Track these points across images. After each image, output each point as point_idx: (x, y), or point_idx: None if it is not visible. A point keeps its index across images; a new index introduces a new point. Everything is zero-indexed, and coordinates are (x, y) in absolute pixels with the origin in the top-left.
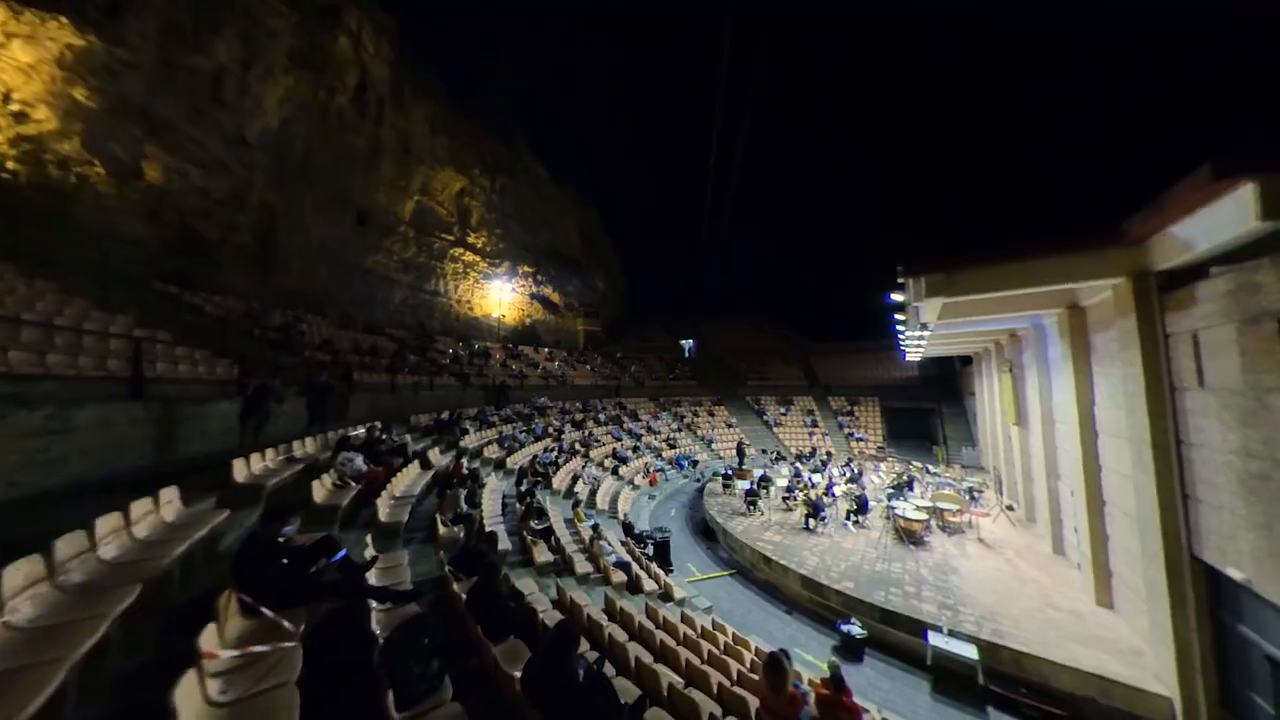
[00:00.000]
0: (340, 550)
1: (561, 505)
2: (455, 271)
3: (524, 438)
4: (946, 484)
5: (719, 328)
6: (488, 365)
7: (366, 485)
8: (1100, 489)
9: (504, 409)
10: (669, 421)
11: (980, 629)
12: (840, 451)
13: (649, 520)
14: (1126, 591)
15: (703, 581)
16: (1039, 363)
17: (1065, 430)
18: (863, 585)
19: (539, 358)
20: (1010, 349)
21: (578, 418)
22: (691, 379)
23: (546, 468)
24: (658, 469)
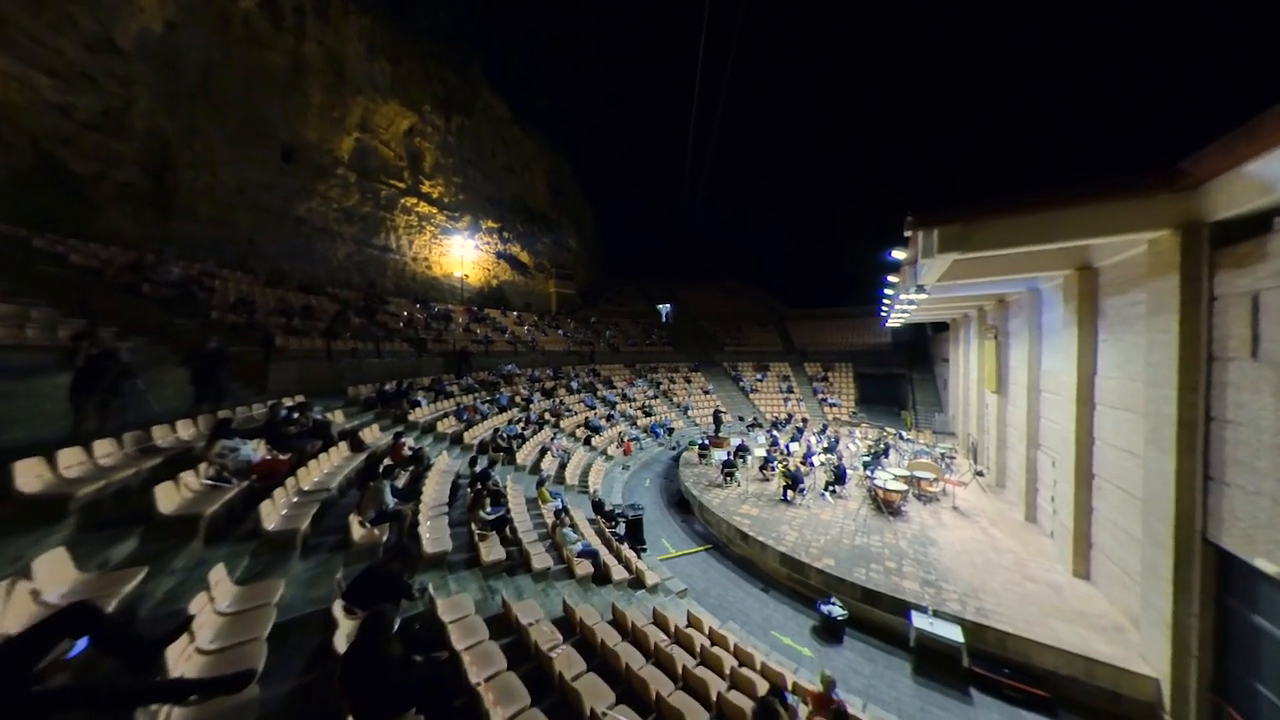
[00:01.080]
0: (84, 636)
1: (526, 482)
2: (408, 225)
3: (486, 409)
4: (922, 452)
5: (697, 292)
6: (448, 330)
7: (261, 480)
8: (1090, 462)
9: (465, 377)
10: (645, 388)
11: (964, 608)
12: (814, 417)
13: (622, 493)
14: (1108, 565)
15: (677, 559)
16: (1030, 329)
17: (1055, 400)
18: (843, 562)
19: (507, 322)
20: (996, 315)
21: (548, 386)
22: (668, 345)
23: (511, 441)
24: (632, 438)
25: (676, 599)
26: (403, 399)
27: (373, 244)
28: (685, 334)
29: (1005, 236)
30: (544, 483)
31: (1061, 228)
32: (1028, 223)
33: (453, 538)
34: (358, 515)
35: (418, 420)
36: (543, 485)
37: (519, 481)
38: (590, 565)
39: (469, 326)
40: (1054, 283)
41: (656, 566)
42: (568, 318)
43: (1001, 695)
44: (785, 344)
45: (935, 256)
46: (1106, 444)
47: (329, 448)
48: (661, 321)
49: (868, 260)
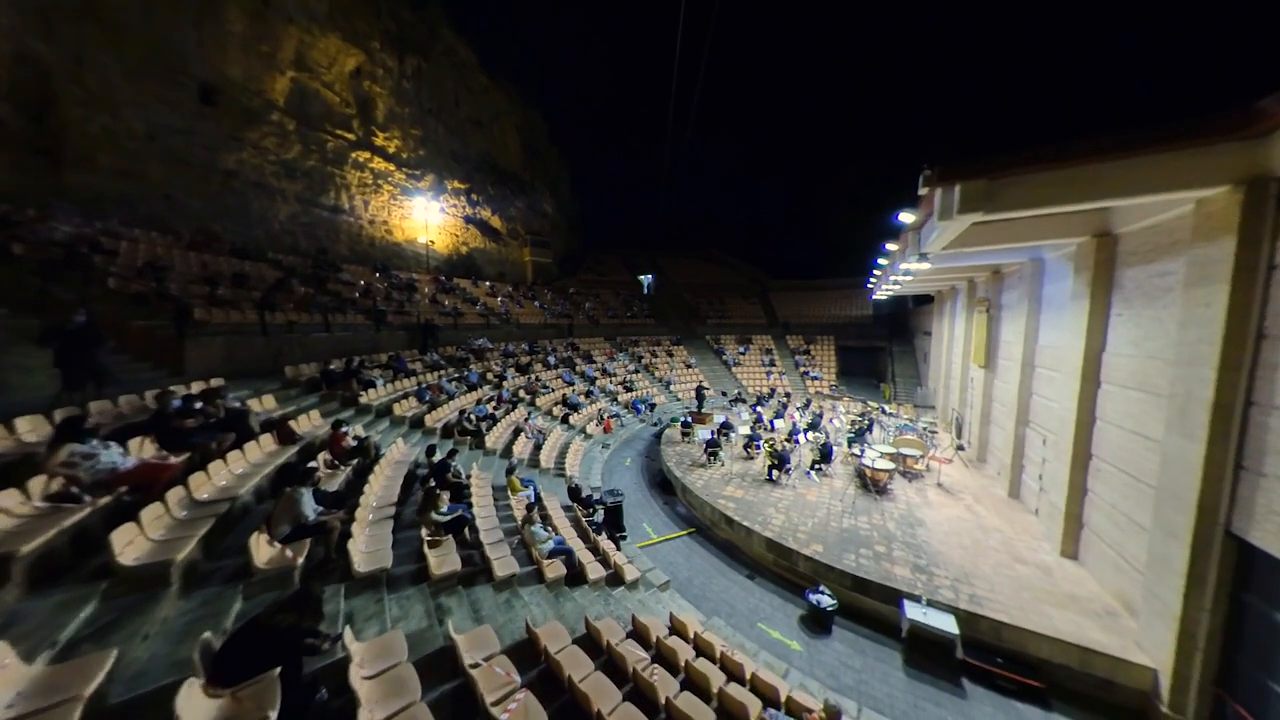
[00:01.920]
0: None
1: (495, 469)
2: (362, 183)
3: (453, 388)
4: (908, 427)
5: (680, 262)
6: (412, 301)
7: (134, 493)
8: (1089, 443)
9: (430, 353)
10: (626, 363)
11: (957, 595)
12: (797, 391)
13: (602, 473)
14: (1100, 547)
15: (660, 545)
16: (1030, 301)
17: (1052, 377)
18: (832, 547)
19: (478, 293)
20: (989, 286)
21: (523, 361)
22: (650, 317)
23: (480, 423)
24: (613, 415)
25: (658, 593)
26: (353, 379)
27: (321, 204)
28: (667, 306)
29: (1038, 194)
30: (514, 470)
31: (1103, 184)
32: (1065, 179)
33: (398, 546)
34: (265, 532)
35: (371, 403)
36: (513, 473)
37: (487, 468)
38: (563, 566)
39: (436, 297)
40: (1062, 252)
41: (637, 557)
42: (544, 288)
43: (994, 686)
44: (768, 316)
45: (954, 218)
46: (1110, 425)
47: (245, 442)
48: (643, 293)
49: (854, 230)
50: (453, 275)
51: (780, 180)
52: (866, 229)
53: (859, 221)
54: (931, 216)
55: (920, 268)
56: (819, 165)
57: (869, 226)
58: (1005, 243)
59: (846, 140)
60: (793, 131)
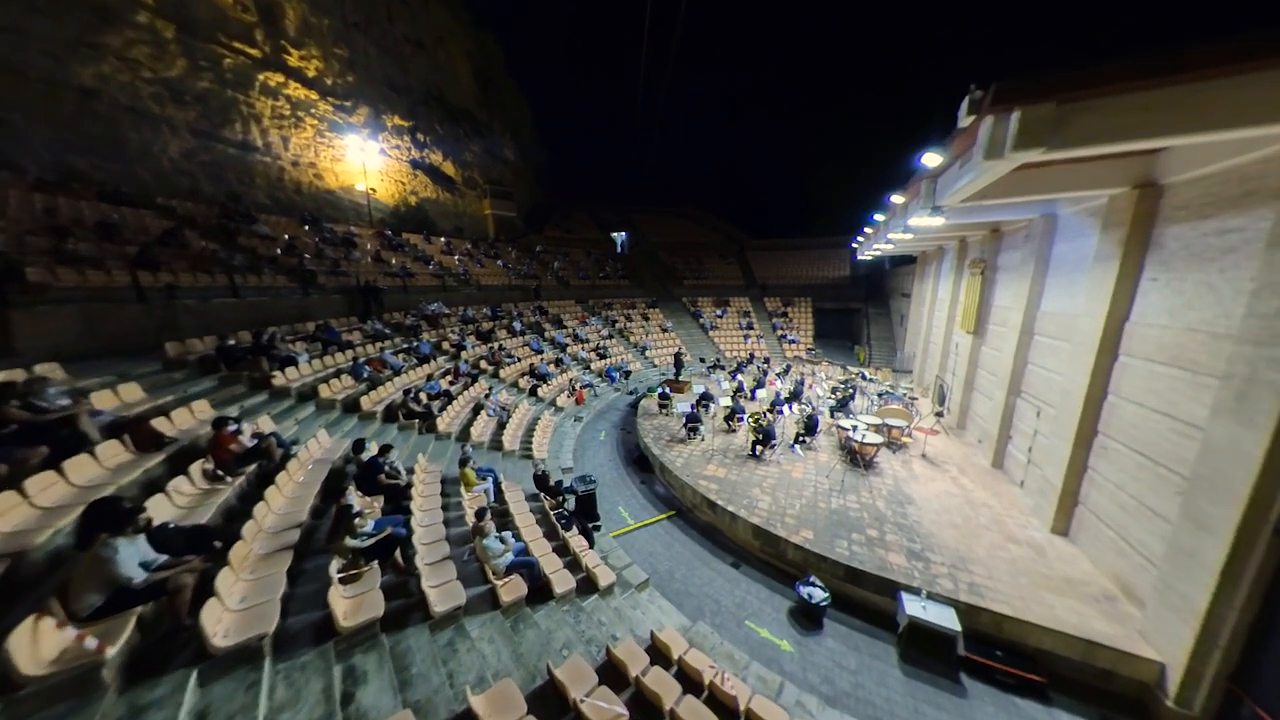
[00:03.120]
0: None
1: (449, 457)
2: (277, 114)
3: (400, 361)
4: (891, 396)
5: (655, 219)
6: (351, 259)
7: None
8: (1096, 419)
9: (372, 321)
10: (598, 327)
11: (955, 585)
12: (774, 355)
13: (574, 449)
14: (1098, 528)
15: (637, 531)
16: (1035, 263)
17: (1058, 347)
18: (822, 532)
19: (431, 250)
20: (986, 247)
21: (484, 327)
22: (624, 278)
23: (431, 402)
24: (585, 384)
25: (636, 595)
26: (264, 355)
27: (224, 138)
28: (642, 266)
29: (1121, 124)
30: (468, 460)
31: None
32: (1166, 101)
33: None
34: (51, 611)
35: (289, 385)
36: (467, 464)
37: (439, 456)
38: (523, 582)
39: (380, 255)
40: (1083, 207)
41: (612, 551)
42: (508, 246)
43: (994, 681)
44: (746, 277)
45: (1004, 157)
46: (1127, 402)
47: (69, 456)
48: (616, 252)
49: (836, 187)
50: (401, 230)
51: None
52: (849, 186)
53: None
54: (966, 157)
55: (929, 224)
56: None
57: (852, 183)
58: (1026, 194)
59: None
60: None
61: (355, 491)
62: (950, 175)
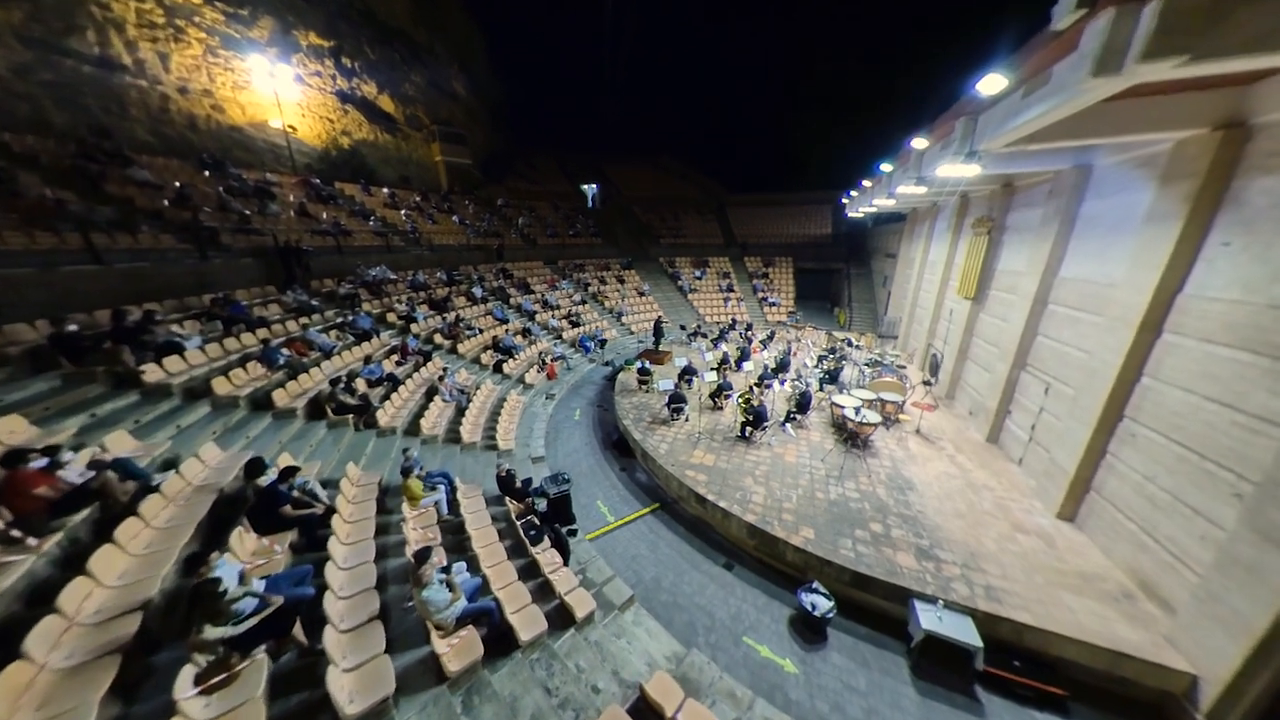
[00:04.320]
0: None
1: (394, 462)
2: (145, 22)
3: (330, 340)
4: (887, 368)
5: (628, 170)
6: (268, 214)
7: None
8: (1125, 402)
9: (295, 290)
10: (570, 292)
11: (971, 588)
12: (755, 320)
13: (546, 433)
14: (1112, 516)
15: (619, 530)
16: (1059, 223)
17: (1080, 319)
18: (823, 529)
19: (373, 202)
20: (995, 204)
21: (439, 295)
22: (596, 235)
23: (371, 391)
24: (557, 356)
25: (619, 618)
26: (125, 342)
27: (72, 50)
28: (616, 222)
29: None
30: (412, 466)
31: None
32: None
33: (143, 701)
34: None
35: (169, 380)
36: (411, 472)
37: (378, 461)
38: (479, 636)
39: (306, 208)
40: (1132, 155)
41: (591, 561)
42: (464, 199)
43: (1012, 695)
44: (725, 235)
45: (1123, 69)
46: (1170, 387)
47: None
48: (587, 206)
49: (820, 138)
50: (332, 178)
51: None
52: (835, 135)
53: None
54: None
55: (960, 173)
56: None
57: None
58: (1074, 138)
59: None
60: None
61: (247, 534)
62: (1004, 109)
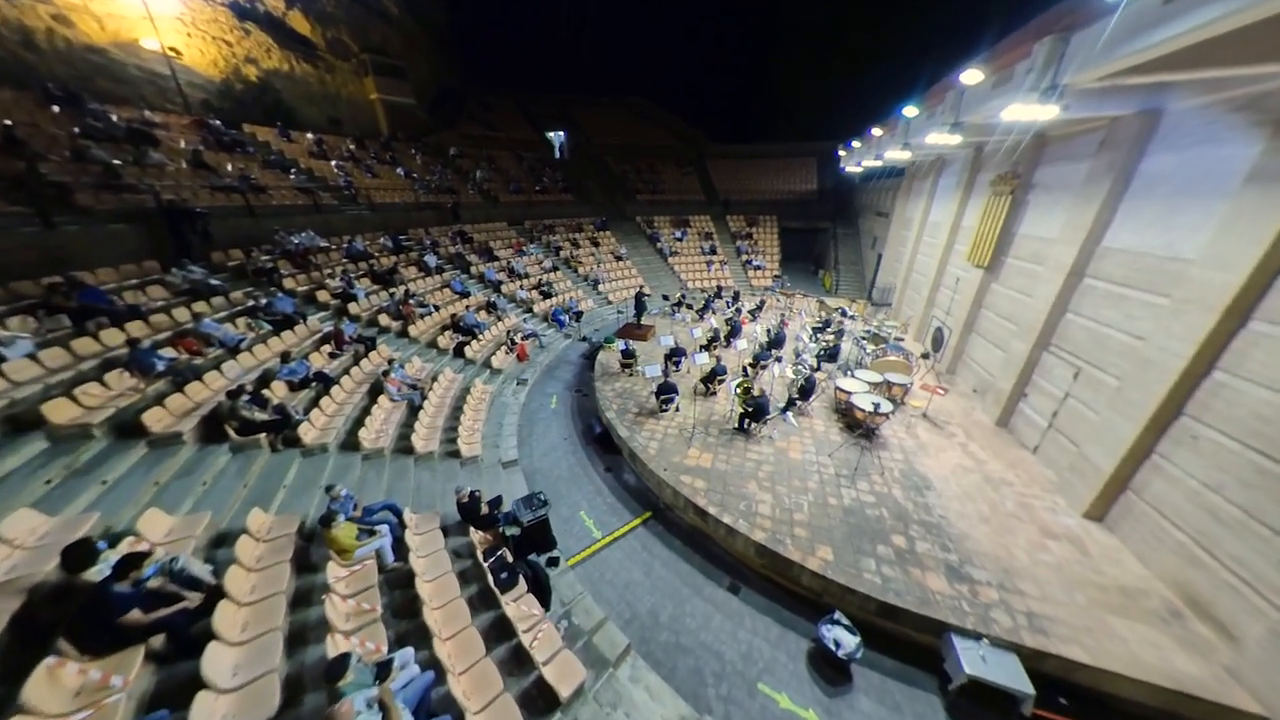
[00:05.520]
0: None
1: (318, 487)
2: None
3: (234, 333)
4: (894, 346)
5: (598, 115)
6: (149, 164)
7: None
8: (1186, 399)
9: (184, 267)
10: (539, 257)
11: (1011, 616)
12: (740, 285)
13: (519, 427)
14: (1154, 522)
15: (606, 548)
16: (1113, 181)
17: (1128, 297)
18: (841, 546)
19: (294, 151)
20: (1022, 159)
21: (384, 265)
22: (566, 191)
23: (293, 396)
24: (527, 334)
25: (614, 677)
26: None
27: None
28: (588, 176)
29: None
30: (341, 512)
31: None
32: None
33: None
34: None
35: None
36: (333, 519)
37: (298, 498)
38: None
39: (201, 158)
40: (1224, 96)
41: (577, 601)
42: (410, 147)
43: None
44: (707, 191)
45: None
46: (1254, 384)
47: None
48: (555, 157)
49: (809, 78)
50: (240, 119)
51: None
52: (828, 74)
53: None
54: None
55: (1032, 115)
56: None
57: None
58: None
59: None
60: None
61: (64, 664)
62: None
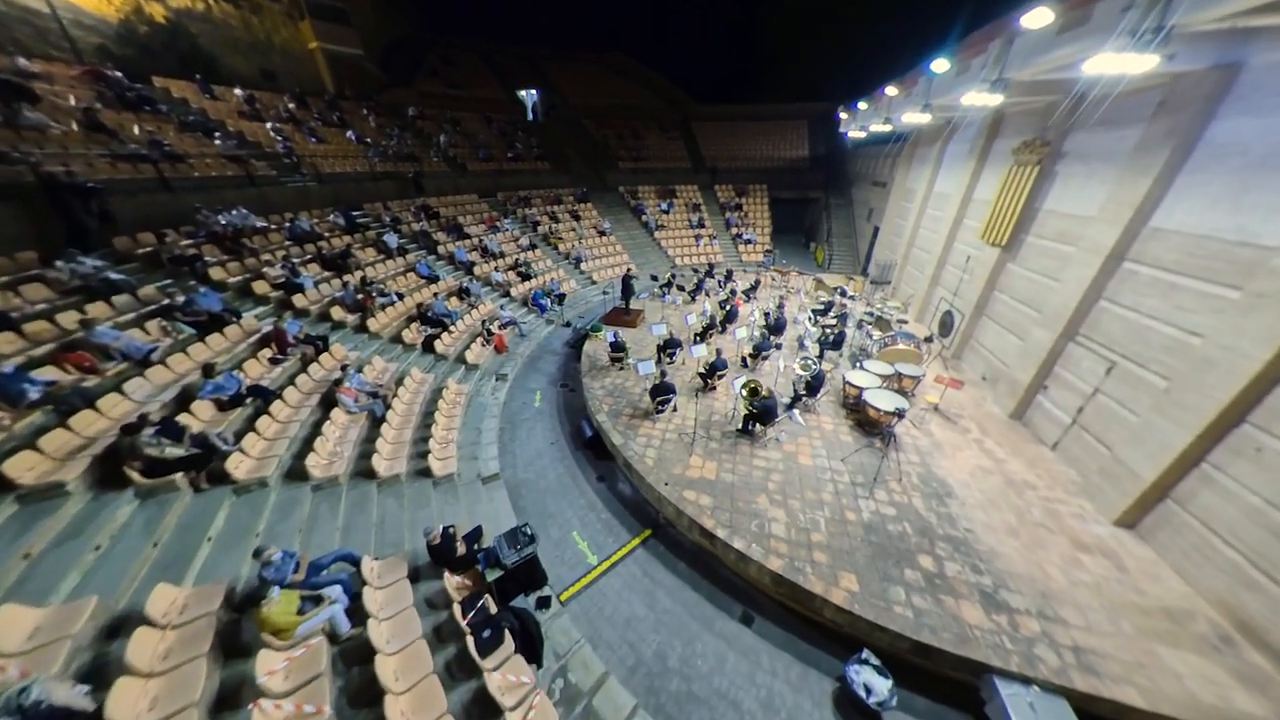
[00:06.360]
0: None
1: (258, 534)
2: None
3: (139, 343)
4: (905, 334)
5: (574, 72)
6: (22, 124)
7: None
8: (1253, 405)
9: (72, 259)
10: (515, 234)
11: (1055, 650)
12: (731, 261)
13: (499, 432)
14: (1198, 536)
15: (604, 575)
16: (1171, 149)
17: (1184, 287)
18: (865, 571)
19: (220, 110)
20: (1053, 123)
21: (335, 247)
22: (542, 159)
23: (221, 419)
24: (506, 322)
25: None
26: None
27: None
28: (565, 141)
29: None
30: (278, 580)
31: None
32: None
33: None
34: None
35: None
36: (266, 602)
37: (232, 547)
38: None
39: (97, 118)
40: None
41: (573, 654)
42: (361, 107)
43: None
44: (693, 158)
45: None
46: None
47: None
48: (528, 120)
49: (810, 30)
50: (147, 71)
51: None
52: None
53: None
54: None
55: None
56: None
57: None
58: None
59: None
60: None
61: None
62: None
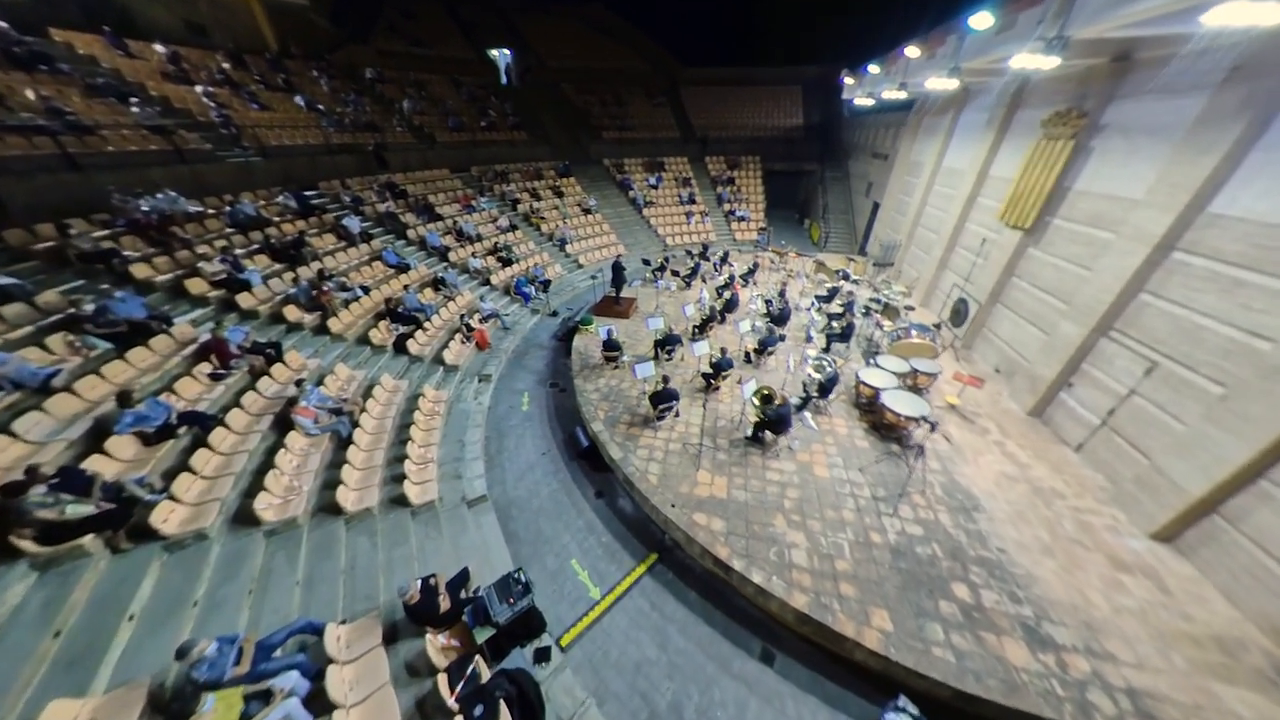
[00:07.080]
0: None
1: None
2: None
3: (30, 367)
4: (920, 327)
5: (549, 27)
6: None
7: None
8: None
9: None
10: (492, 213)
11: (1111, 697)
12: (725, 240)
13: (484, 442)
14: (1247, 555)
15: (608, 613)
16: (1242, 123)
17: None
18: (896, 603)
19: (139, 71)
20: (1090, 91)
21: (285, 234)
22: (518, 128)
23: (143, 467)
24: (487, 314)
25: None
26: None
27: None
28: (543, 108)
29: None
30: (212, 682)
31: None
32: None
33: None
34: None
35: None
36: (196, 705)
37: (152, 638)
38: None
39: None
40: None
41: (579, 714)
42: (310, 68)
43: None
44: (682, 127)
45: None
46: None
47: None
48: (501, 83)
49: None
50: (42, 21)
51: None
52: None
53: None
54: None
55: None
56: None
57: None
58: None
59: None
60: None
61: None
62: None
